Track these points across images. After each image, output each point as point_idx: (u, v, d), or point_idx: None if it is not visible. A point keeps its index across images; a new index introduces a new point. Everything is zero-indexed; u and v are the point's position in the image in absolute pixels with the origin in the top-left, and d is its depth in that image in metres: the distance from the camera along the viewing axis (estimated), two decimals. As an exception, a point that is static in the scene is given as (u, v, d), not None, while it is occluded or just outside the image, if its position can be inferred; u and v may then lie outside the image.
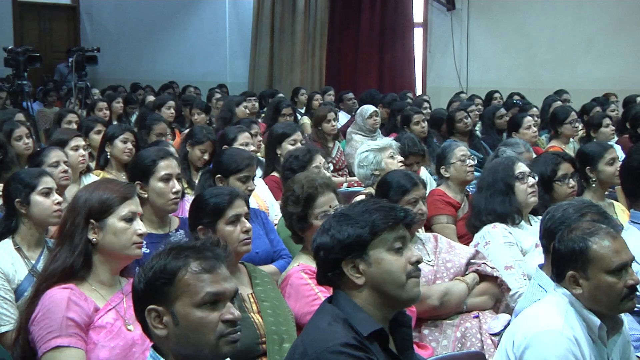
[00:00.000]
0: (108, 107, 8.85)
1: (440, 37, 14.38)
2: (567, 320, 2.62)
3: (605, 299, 2.64)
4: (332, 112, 7.74)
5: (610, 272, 2.63)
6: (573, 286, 2.67)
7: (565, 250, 2.68)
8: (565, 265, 2.68)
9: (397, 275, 2.39)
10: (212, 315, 2.15)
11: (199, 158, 5.63)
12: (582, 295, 2.66)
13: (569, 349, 2.55)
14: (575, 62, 13.25)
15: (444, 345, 3.54)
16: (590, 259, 2.64)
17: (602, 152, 4.90)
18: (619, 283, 2.63)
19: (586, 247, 2.65)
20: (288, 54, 14.33)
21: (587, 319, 2.65)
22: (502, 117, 8.30)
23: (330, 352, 2.27)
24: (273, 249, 4.20)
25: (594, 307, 2.66)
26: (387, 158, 5.15)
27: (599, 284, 2.63)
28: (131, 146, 5.50)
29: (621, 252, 2.66)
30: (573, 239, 2.68)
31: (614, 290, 2.63)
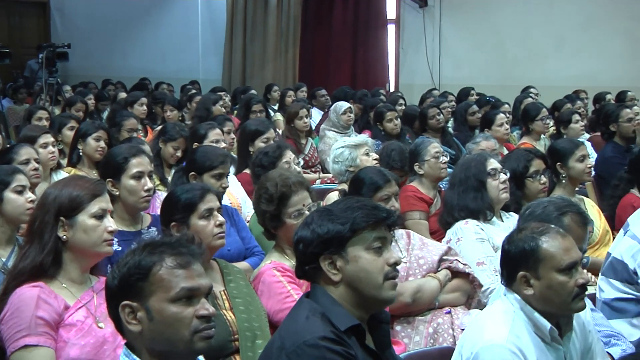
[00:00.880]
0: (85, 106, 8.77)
1: (412, 34, 14.42)
2: (512, 331, 2.59)
3: (557, 299, 2.63)
4: (305, 109, 7.73)
5: (561, 271, 2.63)
6: (524, 287, 2.66)
7: (516, 251, 2.67)
8: (516, 266, 2.67)
9: (373, 275, 2.40)
10: (186, 311, 2.15)
11: (172, 155, 5.61)
12: (533, 296, 2.64)
13: None
14: (547, 59, 13.35)
15: (416, 341, 3.54)
16: (541, 258, 2.63)
17: (573, 149, 4.95)
18: (570, 282, 2.62)
19: (537, 247, 2.64)
20: (260, 50, 14.29)
21: (537, 323, 2.63)
22: (475, 113, 8.35)
23: (308, 346, 2.28)
24: (245, 246, 4.20)
25: (545, 308, 2.64)
26: (363, 155, 5.16)
27: (551, 283, 2.62)
28: (104, 144, 5.45)
29: (571, 251, 2.66)
30: (523, 239, 2.68)
31: (565, 289, 2.62)
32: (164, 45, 14.92)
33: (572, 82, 11.81)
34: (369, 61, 14.45)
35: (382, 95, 10.99)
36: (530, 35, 13.53)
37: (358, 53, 14.53)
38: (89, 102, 9.66)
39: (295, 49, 14.33)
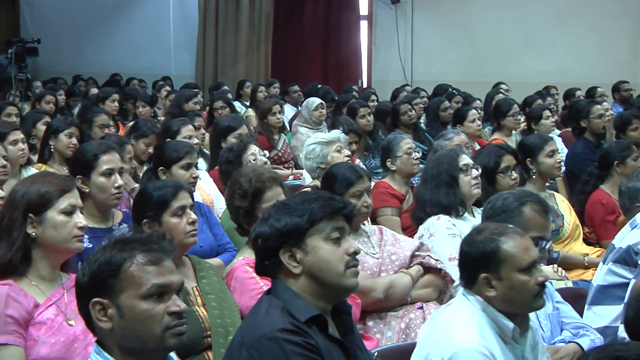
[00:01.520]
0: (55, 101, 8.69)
1: (385, 30, 14.44)
2: (481, 334, 2.60)
3: (519, 298, 2.64)
4: (278, 105, 7.73)
5: (523, 271, 2.63)
6: (486, 288, 2.65)
7: (476, 253, 2.67)
8: (477, 268, 2.66)
9: (334, 264, 2.41)
10: (158, 307, 2.14)
11: (144, 151, 5.59)
12: (496, 297, 2.64)
13: None
14: (518, 56, 13.44)
15: (388, 336, 3.56)
16: (502, 259, 2.63)
17: (542, 144, 5.00)
18: (531, 281, 2.63)
19: (497, 248, 2.64)
20: (233, 46, 14.23)
21: (500, 324, 2.64)
22: (447, 109, 8.38)
23: (266, 339, 2.29)
24: (217, 242, 4.19)
25: (507, 309, 2.65)
26: (334, 152, 5.14)
27: (513, 284, 2.63)
28: (76, 141, 5.41)
29: (530, 250, 2.68)
30: (482, 240, 2.68)
31: (526, 288, 2.63)
32: (136, 41, 14.81)
33: (543, 78, 11.89)
34: (341, 57, 14.45)
35: (355, 91, 11.00)
36: (501, 32, 13.61)
37: (330, 49, 14.52)
38: (60, 97, 9.59)
39: (268, 45, 14.30)
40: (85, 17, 15.19)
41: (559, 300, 3.29)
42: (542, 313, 3.19)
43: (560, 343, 3.15)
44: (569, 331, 3.20)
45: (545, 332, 3.16)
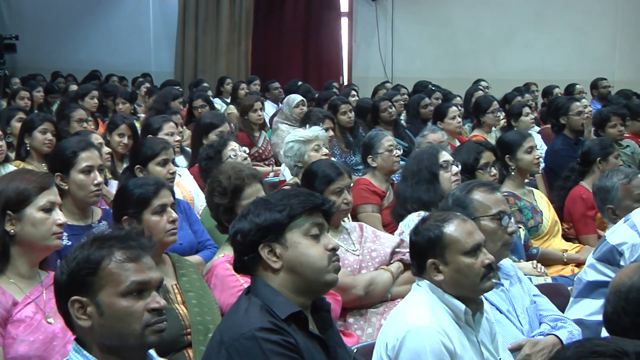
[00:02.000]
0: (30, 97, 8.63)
1: (365, 27, 14.46)
2: (433, 313, 2.67)
3: (466, 281, 2.72)
4: (259, 102, 7.72)
5: (467, 253, 2.72)
6: (434, 274, 2.74)
7: (422, 241, 2.76)
8: (425, 255, 2.75)
9: (315, 258, 2.42)
10: (137, 305, 2.13)
11: (119, 143, 5.57)
12: (444, 281, 2.73)
13: (441, 341, 2.60)
14: (497, 53, 13.50)
15: (368, 333, 3.56)
16: (446, 243, 2.73)
17: (521, 141, 5.02)
18: (476, 263, 2.72)
19: (441, 233, 2.74)
20: (213, 43, 14.20)
21: (452, 306, 2.71)
22: (427, 106, 8.41)
23: (245, 338, 2.29)
24: (197, 239, 4.18)
25: (457, 292, 2.73)
26: (311, 151, 5.10)
27: (459, 267, 2.71)
28: (51, 137, 5.37)
29: (474, 234, 2.76)
30: (427, 228, 2.77)
31: (472, 270, 2.71)
32: (116, 37, 14.74)
33: (522, 75, 11.96)
34: (322, 54, 14.46)
35: (335, 88, 11.01)
36: (481, 29, 13.67)
37: (310, 46, 14.52)
38: (38, 94, 9.53)
39: (248, 42, 14.27)
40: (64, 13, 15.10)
41: (536, 294, 3.32)
42: (520, 307, 3.22)
43: (539, 336, 3.17)
44: (548, 324, 3.23)
45: (524, 325, 3.19)
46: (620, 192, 3.85)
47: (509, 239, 3.22)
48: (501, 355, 2.85)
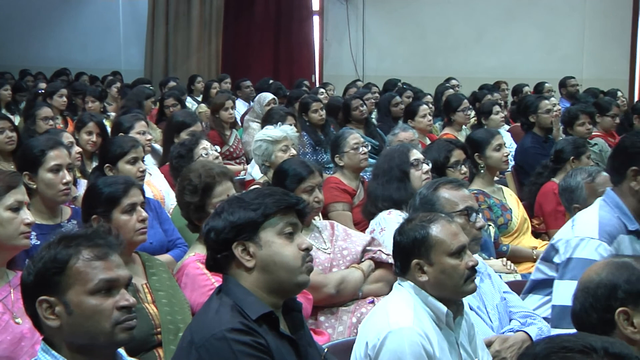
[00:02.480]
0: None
1: (336, 25, 14.47)
2: (416, 315, 2.68)
3: (450, 282, 2.73)
4: (230, 100, 7.71)
5: (452, 255, 2.74)
6: (419, 274, 2.75)
7: (407, 241, 2.77)
8: (409, 255, 2.76)
9: (288, 258, 2.42)
10: (106, 303, 2.12)
11: (87, 141, 5.53)
12: (428, 282, 2.74)
13: (421, 343, 2.61)
14: (468, 51, 13.58)
15: (340, 331, 3.57)
16: (432, 244, 2.73)
17: (489, 139, 5.06)
18: (460, 264, 2.74)
19: (427, 234, 2.74)
20: (183, 41, 14.12)
21: (434, 307, 2.72)
22: (398, 105, 8.44)
23: (216, 339, 2.28)
24: (168, 238, 4.17)
25: (440, 294, 2.73)
26: (279, 152, 5.07)
27: (443, 268, 2.72)
28: (11, 133, 5.32)
29: (459, 235, 2.78)
30: (413, 228, 2.78)
31: (457, 272, 2.73)
32: (84, 34, 14.62)
33: (492, 74, 12.04)
34: (293, 52, 14.45)
35: (306, 86, 11.02)
36: (451, 28, 13.73)
37: (281, 44, 14.51)
38: (6, 93, 9.42)
39: (219, 40, 14.22)
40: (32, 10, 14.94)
41: (506, 291, 3.34)
42: (490, 304, 3.24)
43: (509, 332, 3.20)
44: (517, 320, 3.25)
45: (494, 322, 3.21)
46: (585, 191, 3.90)
47: (477, 234, 3.24)
48: (480, 355, 2.87)
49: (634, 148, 3.32)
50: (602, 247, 3.24)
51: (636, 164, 3.31)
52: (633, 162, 3.31)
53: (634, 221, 3.33)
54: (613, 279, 2.16)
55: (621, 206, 3.34)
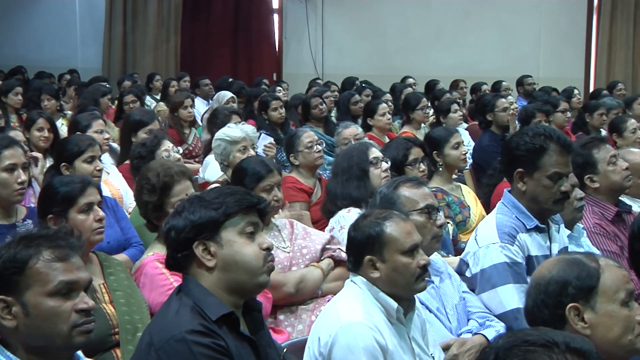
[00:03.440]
0: None
1: (295, 23, 14.47)
2: (365, 309, 2.70)
3: (402, 280, 2.75)
4: (189, 99, 7.69)
5: (405, 253, 2.76)
6: (371, 270, 2.77)
7: (362, 237, 2.78)
8: (363, 251, 2.78)
9: (250, 258, 2.41)
10: (65, 305, 2.11)
11: (40, 138, 5.47)
12: (379, 278, 2.76)
13: (373, 337, 2.63)
14: (426, 50, 13.66)
15: (299, 329, 3.57)
16: (386, 241, 2.76)
17: (448, 137, 5.10)
18: (412, 263, 2.76)
19: (381, 231, 2.77)
20: (141, 39, 14.02)
21: (384, 303, 2.74)
22: (357, 103, 8.47)
23: (175, 341, 2.27)
24: (124, 237, 4.13)
25: (391, 290, 2.76)
26: (237, 152, 5.04)
27: (396, 265, 2.75)
28: None
29: (412, 234, 2.81)
30: (368, 224, 2.80)
31: (408, 270, 2.75)
32: (40, 32, 14.42)
33: (451, 72, 12.12)
34: (252, 51, 14.42)
35: (265, 85, 11.00)
36: (410, 26, 13.80)
37: (240, 42, 14.47)
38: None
39: (177, 38, 14.15)
40: (-14, 7, 14.71)
41: (465, 290, 3.37)
42: (449, 304, 3.26)
43: (467, 333, 3.22)
44: (476, 320, 3.28)
45: (453, 323, 3.23)
46: None
47: (438, 232, 3.27)
48: (432, 350, 2.90)
49: (518, 150, 3.40)
50: (506, 248, 3.32)
51: (521, 166, 3.39)
52: (518, 164, 3.40)
53: (531, 218, 3.41)
54: (564, 276, 2.19)
55: (518, 206, 3.43)
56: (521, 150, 3.38)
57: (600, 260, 2.24)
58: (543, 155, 3.34)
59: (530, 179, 3.38)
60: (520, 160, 3.39)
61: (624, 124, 6.41)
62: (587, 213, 4.04)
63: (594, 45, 13.54)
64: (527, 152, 3.36)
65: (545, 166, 3.34)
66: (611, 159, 4.24)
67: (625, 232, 4.06)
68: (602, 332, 2.14)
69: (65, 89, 10.36)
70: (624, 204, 4.30)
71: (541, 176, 3.35)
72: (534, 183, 3.38)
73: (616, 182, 4.22)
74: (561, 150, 3.35)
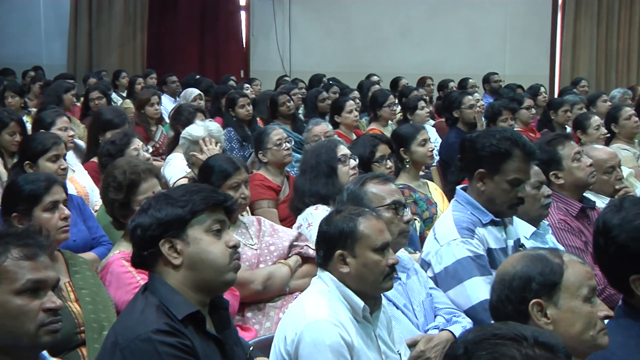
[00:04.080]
0: None
1: (263, 21, 14.45)
2: (331, 307, 2.72)
3: (371, 277, 2.77)
4: (156, 96, 7.64)
5: (376, 250, 2.78)
6: (341, 265, 2.78)
7: (334, 231, 2.80)
8: (334, 246, 2.79)
9: (216, 256, 2.41)
10: (32, 304, 2.10)
11: (11, 142, 5.39)
12: (349, 274, 2.77)
13: (339, 334, 2.65)
14: (393, 47, 13.72)
15: (267, 327, 3.57)
16: (358, 237, 2.78)
17: (414, 134, 5.12)
18: (382, 261, 2.79)
19: (354, 227, 2.79)
20: (107, 35, 13.91)
21: (351, 301, 2.76)
22: (325, 100, 8.48)
23: (141, 340, 2.25)
24: (91, 236, 4.11)
25: (359, 287, 2.77)
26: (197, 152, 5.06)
27: (366, 261, 2.77)
28: None
29: (384, 232, 2.84)
30: (341, 219, 2.81)
31: (378, 267, 2.78)
32: (4, 28, 14.23)
33: (418, 70, 12.19)
34: (220, 48, 14.37)
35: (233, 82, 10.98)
36: (377, 24, 13.86)
37: (207, 39, 14.42)
38: None
39: (144, 35, 14.06)
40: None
41: (432, 287, 3.39)
42: (416, 300, 3.28)
43: (434, 330, 3.23)
44: (442, 316, 3.29)
45: (419, 318, 3.25)
46: None
47: (405, 228, 3.29)
48: (398, 348, 2.91)
49: (482, 151, 3.44)
50: (467, 243, 3.36)
51: (483, 167, 3.44)
52: (480, 165, 3.45)
53: (486, 213, 3.46)
54: (528, 271, 2.21)
55: (472, 202, 3.47)
56: (486, 152, 3.42)
57: (564, 257, 2.26)
58: (507, 160, 3.38)
59: (490, 181, 3.43)
60: (483, 161, 3.43)
61: (587, 121, 6.49)
62: (552, 209, 4.08)
63: (558, 43, 13.71)
64: (491, 155, 3.40)
65: (507, 171, 3.38)
66: (575, 155, 4.29)
67: (590, 227, 4.12)
68: (564, 328, 2.16)
69: (29, 85, 10.23)
70: (588, 200, 4.35)
71: (501, 180, 3.40)
72: (493, 185, 3.42)
73: (581, 178, 4.27)
74: (525, 157, 3.40)
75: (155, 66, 12.81)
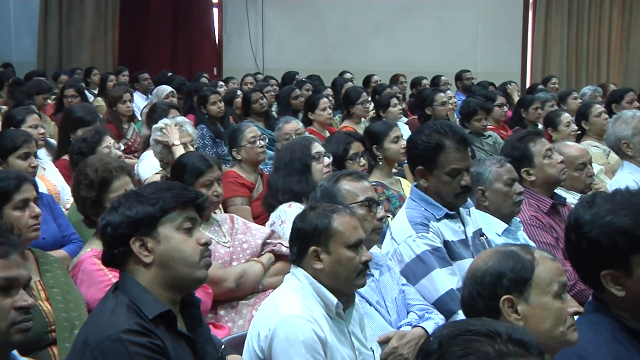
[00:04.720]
0: None
1: (235, 18, 14.42)
2: (304, 303, 2.73)
3: (344, 273, 2.78)
4: (128, 93, 7.60)
5: (349, 247, 2.80)
6: (315, 261, 2.79)
7: (309, 227, 2.81)
8: (308, 242, 2.80)
9: (187, 253, 2.40)
10: (4, 302, 2.09)
11: None
12: (322, 270, 2.78)
13: (312, 330, 2.66)
14: (366, 45, 13.75)
15: (240, 325, 3.56)
16: (332, 234, 2.79)
17: (387, 131, 5.13)
18: (356, 257, 2.80)
19: (329, 223, 2.80)
20: (78, 32, 13.79)
21: (324, 298, 2.77)
22: (298, 97, 8.48)
23: (111, 341, 2.24)
24: (62, 234, 4.08)
25: (332, 284, 2.79)
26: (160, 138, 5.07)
27: (340, 258, 2.78)
28: None
29: (358, 229, 2.85)
30: (316, 216, 2.83)
31: (352, 264, 2.79)
32: (-27, 25, 14.09)
33: (391, 67, 12.23)
34: (192, 45, 14.31)
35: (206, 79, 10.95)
36: (350, 21, 13.89)
37: (179, 36, 14.36)
38: None
39: (115, 32, 13.97)
40: None
41: (404, 283, 3.40)
42: (389, 297, 3.29)
43: (407, 326, 3.25)
44: (415, 313, 3.31)
45: (392, 315, 3.26)
46: (492, 174, 4.02)
47: (378, 225, 3.31)
48: (370, 344, 2.92)
49: (416, 149, 3.50)
50: (423, 237, 3.40)
51: (420, 164, 3.49)
52: (418, 162, 3.50)
53: (440, 208, 3.49)
54: (499, 267, 2.23)
55: (425, 198, 3.51)
56: (419, 149, 3.47)
57: (535, 253, 2.28)
58: (440, 153, 3.42)
59: (430, 176, 3.48)
60: (419, 159, 3.48)
61: (558, 118, 6.54)
62: (524, 206, 4.11)
63: (530, 41, 13.82)
64: (425, 151, 3.45)
65: (443, 163, 3.42)
66: (547, 152, 4.33)
67: (561, 223, 4.16)
68: (534, 324, 2.18)
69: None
70: (559, 196, 4.39)
71: (440, 173, 3.44)
72: (434, 180, 3.47)
73: (552, 175, 4.31)
74: (457, 146, 3.43)
75: (127, 63, 12.74)
